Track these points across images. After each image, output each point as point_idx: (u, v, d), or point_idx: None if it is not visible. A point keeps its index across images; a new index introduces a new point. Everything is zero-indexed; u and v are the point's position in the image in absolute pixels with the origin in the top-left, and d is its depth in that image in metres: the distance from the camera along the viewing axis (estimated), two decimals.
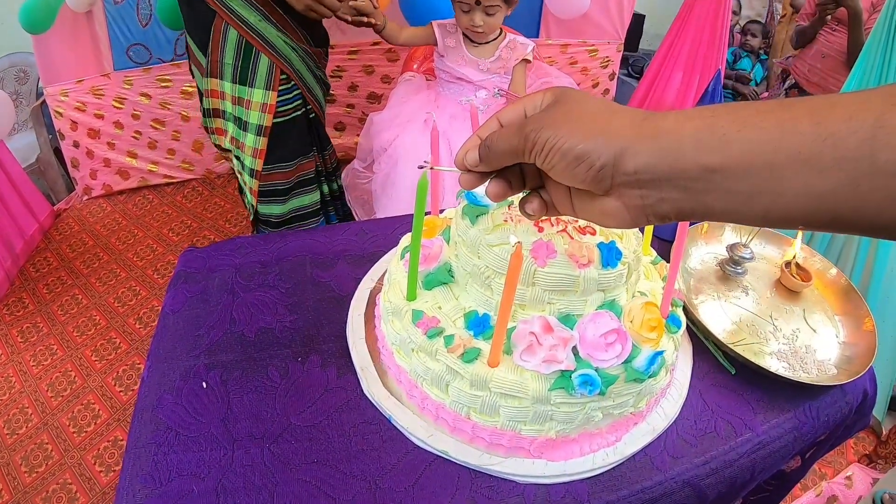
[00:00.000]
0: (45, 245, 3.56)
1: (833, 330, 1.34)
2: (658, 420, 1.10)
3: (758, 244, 1.50)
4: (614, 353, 0.93)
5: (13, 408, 2.60)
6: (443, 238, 1.08)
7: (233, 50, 1.76)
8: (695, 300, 1.36)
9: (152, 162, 3.92)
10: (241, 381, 1.14)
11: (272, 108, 1.81)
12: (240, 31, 1.72)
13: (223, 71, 1.79)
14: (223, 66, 1.77)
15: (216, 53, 1.76)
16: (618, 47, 4.21)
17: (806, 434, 1.18)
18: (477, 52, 2.41)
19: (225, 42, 1.73)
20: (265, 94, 1.79)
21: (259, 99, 1.79)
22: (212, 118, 1.90)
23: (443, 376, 0.97)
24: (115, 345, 2.90)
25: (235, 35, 1.73)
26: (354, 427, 1.06)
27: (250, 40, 1.74)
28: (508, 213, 1.01)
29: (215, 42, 1.74)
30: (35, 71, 3.70)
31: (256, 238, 1.53)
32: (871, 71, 2.53)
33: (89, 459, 2.39)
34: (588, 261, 0.93)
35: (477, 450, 1.01)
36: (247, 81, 1.79)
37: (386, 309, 1.09)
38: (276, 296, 1.33)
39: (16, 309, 3.12)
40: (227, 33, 1.73)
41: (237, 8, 1.70)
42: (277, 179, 1.94)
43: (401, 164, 2.53)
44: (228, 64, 1.77)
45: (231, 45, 1.75)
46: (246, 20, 1.71)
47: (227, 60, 1.76)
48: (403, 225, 1.55)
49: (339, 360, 1.18)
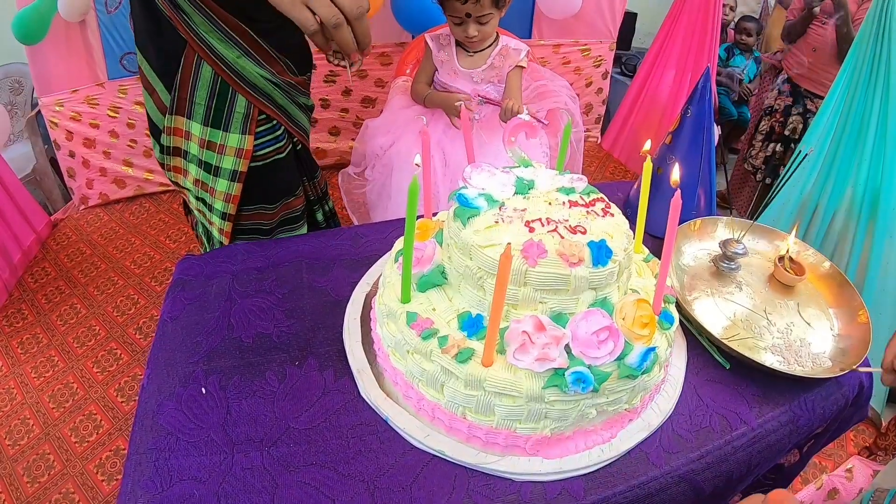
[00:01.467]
0: (42, 255, 3.57)
1: (827, 323, 1.35)
2: (653, 416, 1.10)
3: (750, 239, 1.51)
4: (606, 350, 0.94)
5: (14, 419, 2.61)
6: (435, 240, 1.09)
7: (206, 89, 1.55)
8: (689, 297, 1.37)
9: (148, 170, 3.95)
10: (240, 386, 1.14)
11: (249, 154, 1.62)
12: (216, 68, 1.53)
13: (193, 111, 1.58)
14: (194, 106, 1.58)
15: (185, 90, 1.55)
16: (610, 46, 4.24)
17: (802, 427, 1.19)
18: (469, 63, 2.40)
19: (197, 80, 1.54)
20: (241, 138, 1.60)
21: (235, 144, 1.61)
22: (170, 156, 1.69)
23: (438, 377, 0.98)
24: (116, 356, 2.91)
25: (210, 73, 1.53)
26: (352, 429, 1.07)
27: (227, 79, 1.54)
28: (500, 215, 1.02)
29: (185, 78, 1.54)
30: (29, 81, 3.71)
31: (252, 245, 1.54)
32: (862, 65, 2.54)
33: (91, 469, 2.39)
34: (578, 260, 0.94)
35: (473, 449, 1.02)
36: (221, 125, 1.59)
37: (381, 312, 1.10)
38: (272, 301, 1.34)
39: (15, 320, 3.14)
40: (199, 70, 1.53)
41: (215, 44, 1.50)
42: (258, 220, 1.77)
43: (395, 174, 2.53)
44: (200, 104, 1.57)
45: (204, 83, 1.55)
46: (224, 58, 1.52)
47: (199, 101, 1.56)
48: (397, 229, 1.56)
49: (337, 363, 1.19)
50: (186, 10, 1.43)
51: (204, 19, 1.45)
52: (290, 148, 1.77)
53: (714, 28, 3.66)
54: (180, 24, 1.45)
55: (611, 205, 1.11)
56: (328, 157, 4.17)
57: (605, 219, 1.05)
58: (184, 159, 1.68)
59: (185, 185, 1.73)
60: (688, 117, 1.53)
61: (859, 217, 2.55)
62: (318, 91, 3.88)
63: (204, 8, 1.44)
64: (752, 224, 1.51)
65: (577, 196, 1.09)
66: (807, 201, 2.73)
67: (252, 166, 1.65)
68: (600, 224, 1.03)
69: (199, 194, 1.71)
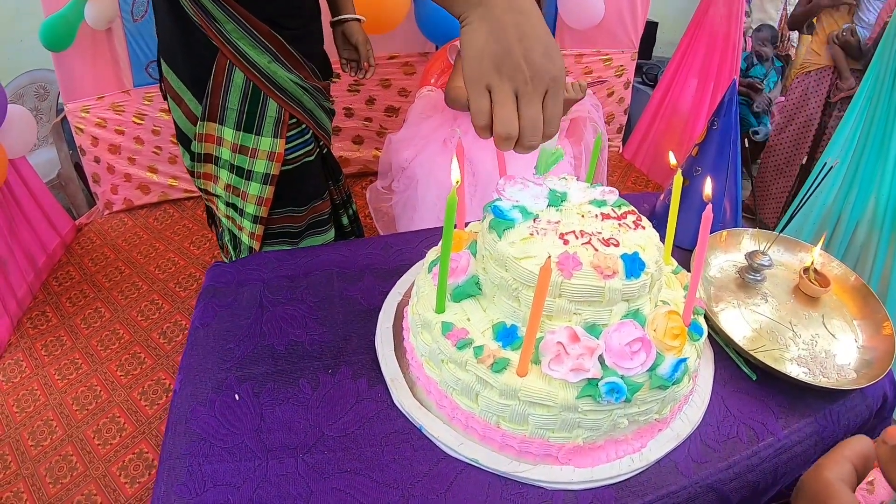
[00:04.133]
0: (67, 259, 3.61)
1: (852, 335, 1.35)
2: (682, 426, 1.11)
3: (776, 251, 1.52)
4: (639, 361, 0.95)
5: (37, 419, 2.64)
6: (469, 251, 1.11)
7: (238, 94, 1.60)
8: (715, 308, 1.38)
9: (172, 177, 3.98)
10: (273, 393, 1.16)
11: (280, 157, 1.67)
12: (248, 74, 1.57)
13: (225, 116, 1.62)
14: (226, 112, 1.62)
15: (218, 97, 1.60)
16: (632, 56, 4.24)
17: (826, 438, 1.19)
18: None
19: (230, 85, 1.59)
20: (273, 142, 1.65)
21: (266, 147, 1.65)
22: (201, 163, 1.71)
23: (472, 386, 1.00)
24: (139, 360, 2.93)
25: (242, 78, 1.58)
26: (386, 437, 1.08)
27: (258, 84, 1.59)
28: (534, 227, 1.03)
29: (217, 84, 1.58)
30: (54, 87, 3.76)
31: (283, 253, 1.56)
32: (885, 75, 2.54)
33: (114, 471, 2.42)
34: (612, 272, 0.96)
35: (506, 457, 1.04)
36: (253, 129, 1.64)
37: (415, 321, 1.12)
38: (304, 309, 1.36)
39: (39, 322, 3.17)
40: (232, 75, 1.57)
41: (247, 49, 1.54)
42: (287, 223, 1.81)
43: (421, 186, 2.54)
44: (233, 109, 1.61)
45: (237, 89, 1.59)
46: (256, 63, 1.57)
47: (232, 105, 1.61)
48: (427, 238, 1.58)
49: (370, 371, 1.20)
50: (218, 18, 1.47)
51: (236, 26, 1.49)
52: (318, 152, 1.82)
53: (737, 37, 3.66)
54: (212, 31, 1.49)
55: (641, 217, 1.12)
56: (352, 166, 4.18)
57: (636, 231, 1.06)
58: (215, 165, 1.71)
59: (216, 192, 1.76)
60: (714, 129, 1.54)
61: (882, 227, 2.54)
62: (342, 100, 3.90)
63: (236, 15, 1.48)
64: (778, 236, 1.52)
65: (608, 209, 1.10)
66: (830, 212, 2.73)
67: (283, 170, 1.69)
68: (632, 236, 1.05)
69: (229, 199, 1.74)
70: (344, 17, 2.04)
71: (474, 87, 0.92)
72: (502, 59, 0.89)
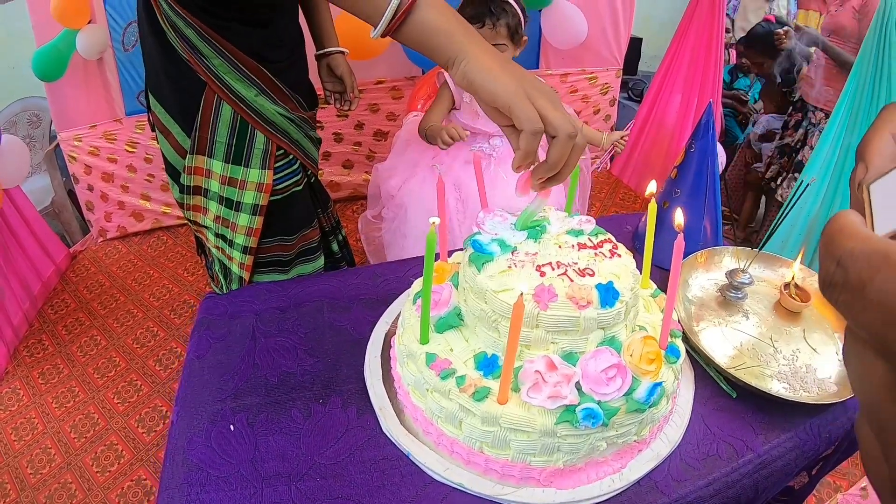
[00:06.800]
0: (62, 287, 3.64)
1: (833, 348, 1.37)
2: (661, 446, 1.14)
3: (757, 268, 1.54)
4: (615, 386, 0.98)
5: (35, 448, 2.66)
6: (451, 283, 1.14)
7: (227, 128, 1.62)
8: (696, 327, 1.41)
9: (165, 204, 4.01)
10: (267, 423, 1.19)
11: (269, 188, 1.70)
12: (235, 107, 1.59)
13: (214, 149, 1.64)
14: (214, 145, 1.64)
15: (206, 130, 1.61)
16: (617, 73, 4.28)
17: (808, 451, 1.22)
18: None
19: (218, 119, 1.60)
20: (262, 173, 1.68)
21: (255, 179, 1.68)
22: (190, 195, 1.73)
23: (456, 414, 1.03)
24: (136, 387, 2.95)
25: (230, 112, 1.60)
26: (375, 463, 1.12)
27: (246, 117, 1.61)
28: (512, 259, 1.07)
29: (206, 118, 1.60)
30: (47, 115, 3.79)
31: (274, 284, 1.59)
32: (864, 86, 2.58)
33: (113, 498, 2.43)
34: (587, 302, 0.99)
35: (490, 481, 1.07)
36: (242, 161, 1.66)
37: (401, 352, 1.15)
38: (295, 340, 1.39)
39: (36, 351, 3.19)
40: (220, 109, 1.59)
41: (234, 84, 1.56)
42: (277, 252, 1.85)
43: (410, 213, 2.55)
44: (221, 142, 1.63)
45: (225, 122, 1.61)
46: (243, 97, 1.59)
47: (220, 139, 1.63)
48: (414, 267, 1.61)
49: (359, 400, 1.23)
50: (206, 54, 1.50)
51: (223, 61, 1.52)
52: (306, 181, 1.85)
53: (718, 52, 3.69)
54: (200, 67, 1.52)
55: (618, 245, 1.15)
56: (342, 190, 4.22)
57: (612, 259, 1.10)
58: (204, 197, 1.73)
59: (205, 224, 1.78)
60: (692, 152, 1.57)
61: None
62: (331, 125, 3.94)
63: (222, 50, 1.51)
64: (758, 252, 1.54)
65: (585, 238, 1.14)
66: (814, 224, 2.76)
67: (272, 200, 1.72)
68: (608, 265, 1.08)
69: (219, 231, 1.76)
70: (328, 49, 2.08)
71: (516, 96, 0.95)
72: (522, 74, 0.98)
